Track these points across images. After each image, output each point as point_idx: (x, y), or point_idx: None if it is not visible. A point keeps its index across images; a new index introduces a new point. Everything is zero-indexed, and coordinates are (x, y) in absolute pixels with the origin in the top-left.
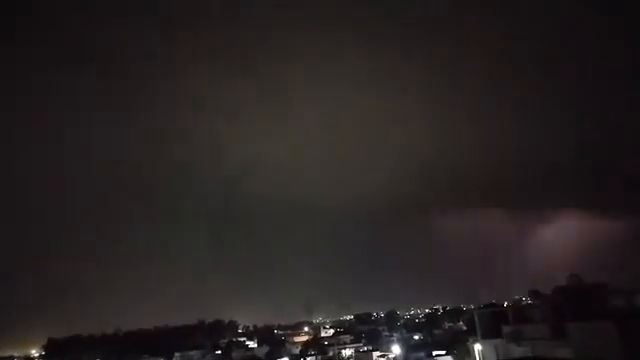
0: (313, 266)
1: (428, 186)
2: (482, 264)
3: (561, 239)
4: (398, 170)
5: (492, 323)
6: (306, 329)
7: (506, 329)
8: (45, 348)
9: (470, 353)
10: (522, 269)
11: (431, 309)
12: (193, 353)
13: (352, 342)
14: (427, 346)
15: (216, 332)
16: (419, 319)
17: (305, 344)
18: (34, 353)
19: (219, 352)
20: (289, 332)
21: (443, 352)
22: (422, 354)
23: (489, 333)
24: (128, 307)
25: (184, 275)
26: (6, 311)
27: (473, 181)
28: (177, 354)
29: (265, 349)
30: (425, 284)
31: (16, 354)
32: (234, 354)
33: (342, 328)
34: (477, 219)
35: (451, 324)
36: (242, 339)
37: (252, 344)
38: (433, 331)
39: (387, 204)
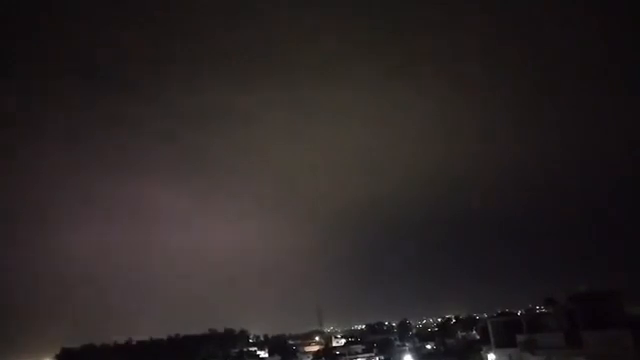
0: (325, 275)
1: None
2: None
3: None
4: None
5: (506, 332)
6: (317, 339)
7: (520, 338)
8: (59, 358)
9: None
10: None
11: (443, 318)
12: None
13: (364, 352)
14: (440, 356)
15: (227, 342)
16: (431, 328)
17: (316, 354)
18: None
19: None
20: (300, 342)
21: None
22: None
23: (503, 342)
24: (140, 316)
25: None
26: (19, 321)
27: None
28: None
29: (276, 359)
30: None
31: None
32: None
33: (354, 337)
34: None
35: (464, 333)
36: (253, 349)
37: (263, 354)
38: (446, 340)
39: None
